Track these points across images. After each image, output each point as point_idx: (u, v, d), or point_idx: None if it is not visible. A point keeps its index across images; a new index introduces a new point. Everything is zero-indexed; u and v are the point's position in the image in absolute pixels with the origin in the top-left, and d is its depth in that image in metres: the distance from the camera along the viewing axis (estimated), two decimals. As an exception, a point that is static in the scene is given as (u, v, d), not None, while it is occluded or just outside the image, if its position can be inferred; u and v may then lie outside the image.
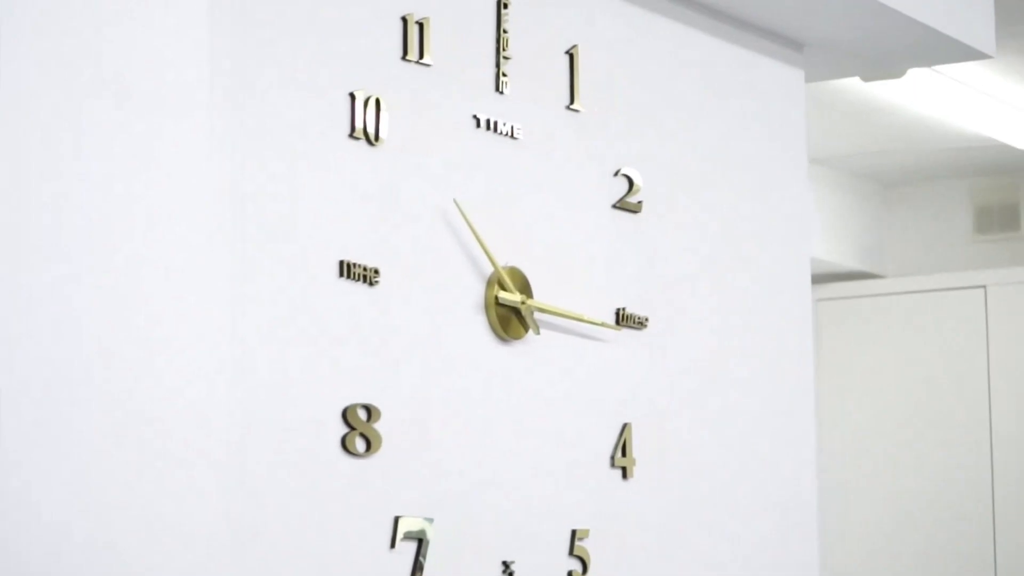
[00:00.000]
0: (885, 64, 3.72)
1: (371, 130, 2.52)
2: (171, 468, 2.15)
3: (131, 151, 2.13)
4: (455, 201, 2.65)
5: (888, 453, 7.46)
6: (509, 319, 2.74)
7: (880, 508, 7.46)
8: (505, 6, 2.78)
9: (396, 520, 2.52)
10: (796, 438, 3.39)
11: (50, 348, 2.02)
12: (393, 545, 2.51)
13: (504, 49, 2.77)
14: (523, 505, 2.74)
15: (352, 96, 2.50)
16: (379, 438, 2.49)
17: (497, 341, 2.73)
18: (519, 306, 2.74)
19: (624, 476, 2.96)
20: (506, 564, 2.71)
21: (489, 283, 2.71)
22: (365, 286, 2.50)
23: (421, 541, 2.55)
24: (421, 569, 2.54)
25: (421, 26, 2.62)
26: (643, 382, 3.01)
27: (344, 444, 2.44)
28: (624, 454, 2.95)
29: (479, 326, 2.70)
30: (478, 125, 2.73)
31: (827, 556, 7.32)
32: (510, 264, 2.76)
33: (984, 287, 7.32)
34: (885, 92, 6.08)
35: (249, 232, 2.33)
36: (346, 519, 2.44)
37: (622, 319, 2.97)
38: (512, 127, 2.78)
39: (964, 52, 3.58)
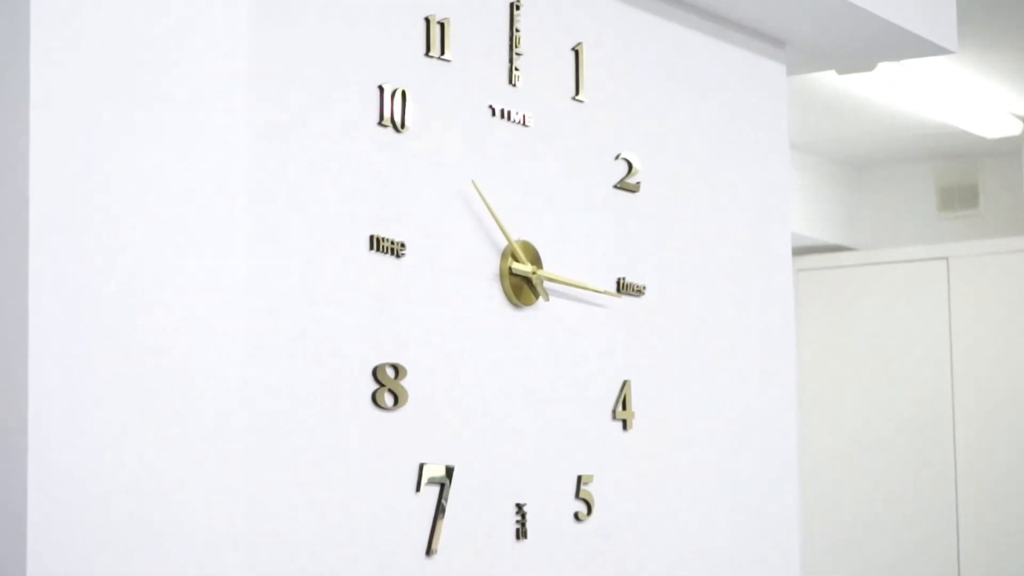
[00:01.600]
0: (858, 59, 3.71)
1: (397, 119, 2.52)
2: (208, 419, 2.15)
3: (176, 138, 2.12)
4: (473, 182, 2.65)
5: (859, 408, 7.46)
6: (521, 287, 2.73)
7: (852, 457, 7.46)
8: (517, 8, 2.77)
9: (421, 467, 2.52)
10: (777, 394, 3.38)
11: (93, 319, 2.02)
12: (418, 489, 2.51)
13: (516, 46, 2.76)
14: (534, 453, 2.74)
15: (380, 88, 2.50)
16: (405, 394, 2.49)
17: (511, 307, 2.72)
18: (530, 276, 2.73)
19: (624, 428, 2.95)
20: (519, 506, 2.70)
21: (503, 255, 2.71)
22: (393, 258, 2.49)
23: (443, 486, 2.55)
24: (443, 511, 2.54)
25: (442, 26, 2.61)
26: (641, 344, 3.01)
27: (374, 399, 2.44)
28: (624, 408, 2.95)
29: (494, 294, 2.69)
30: (493, 114, 2.72)
31: (804, 500, 7.32)
32: (522, 238, 2.75)
33: (947, 259, 7.31)
34: (858, 84, 6.07)
35: (289, 209, 2.32)
36: (376, 466, 2.44)
37: (622, 287, 2.97)
38: (524, 116, 2.77)
39: (929, 48, 3.56)
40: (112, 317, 2.01)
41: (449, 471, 2.56)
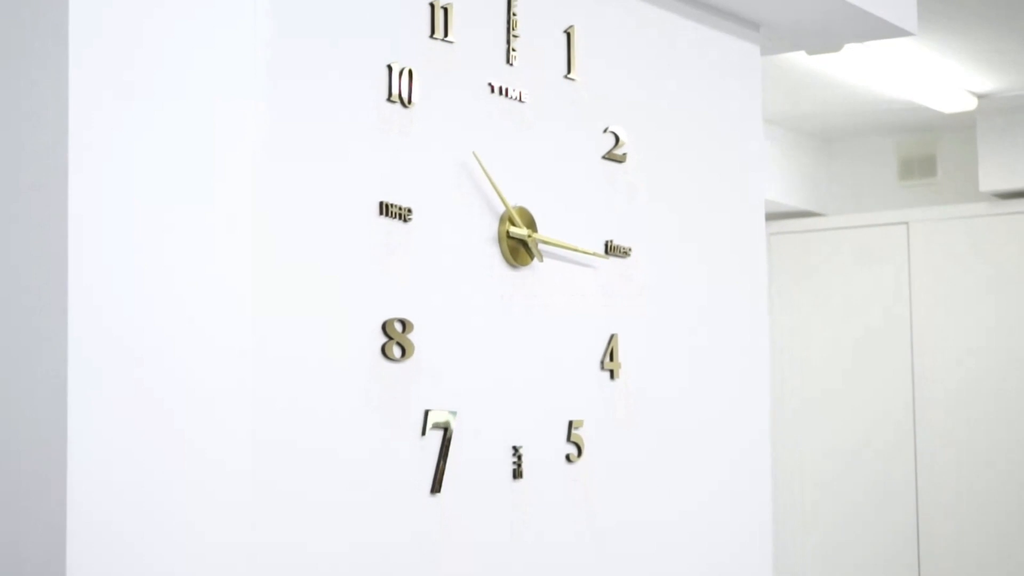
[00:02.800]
0: (826, 41, 3.70)
1: (404, 95, 2.52)
2: (223, 368, 2.15)
3: (198, 116, 2.12)
4: (473, 153, 2.65)
5: (826, 363, 7.47)
6: (518, 249, 2.74)
7: (817, 404, 7.48)
8: (514, -7, 2.77)
9: (426, 413, 2.53)
10: (751, 347, 3.39)
11: (125, 296, 2.02)
12: (424, 433, 2.52)
13: (513, 29, 2.76)
14: (529, 400, 2.75)
15: (389, 67, 2.49)
16: (412, 346, 2.50)
17: (508, 267, 2.73)
18: (526, 239, 2.74)
19: (612, 377, 2.96)
20: (515, 448, 2.71)
21: (501, 220, 2.71)
22: (400, 222, 2.50)
23: (447, 430, 2.56)
24: (447, 453, 2.55)
25: (445, 10, 2.61)
26: (626, 301, 3.01)
27: (383, 351, 2.45)
28: (611, 359, 2.96)
29: (493, 255, 2.70)
30: (492, 91, 2.72)
31: (774, 444, 7.35)
32: (519, 204, 2.75)
33: (907, 223, 7.32)
34: (826, 64, 6.06)
35: (305, 178, 2.33)
36: (385, 413, 2.45)
37: (610, 249, 2.97)
38: (520, 93, 2.77)
39: (891, 30, 3.56)
40: (135, 282, 2.02)
41: (452, 417, 2.57)
